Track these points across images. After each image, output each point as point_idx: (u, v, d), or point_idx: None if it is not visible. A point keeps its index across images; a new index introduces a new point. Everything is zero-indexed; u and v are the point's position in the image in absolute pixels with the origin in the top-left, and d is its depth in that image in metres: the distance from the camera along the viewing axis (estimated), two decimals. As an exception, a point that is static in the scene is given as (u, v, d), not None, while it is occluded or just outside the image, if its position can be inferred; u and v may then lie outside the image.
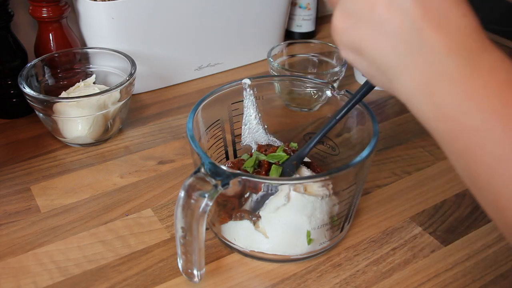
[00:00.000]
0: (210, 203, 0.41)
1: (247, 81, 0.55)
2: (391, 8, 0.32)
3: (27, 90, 0.61)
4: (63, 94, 0.67)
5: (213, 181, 0.42)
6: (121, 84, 0.63)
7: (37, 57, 0.70)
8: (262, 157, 0.54)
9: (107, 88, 0.65)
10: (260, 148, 0.57)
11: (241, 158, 0.57)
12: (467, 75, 0.30)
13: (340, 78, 0.73)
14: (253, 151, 0.58)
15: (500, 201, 0.30)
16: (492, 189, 0.30)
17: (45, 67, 0.69)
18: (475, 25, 0.31)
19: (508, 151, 0.29)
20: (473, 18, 0.32)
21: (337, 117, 0.50)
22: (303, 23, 0.94)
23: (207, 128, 0.54)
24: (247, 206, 0.49)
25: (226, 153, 0.58)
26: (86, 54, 0.73)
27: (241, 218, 0.48)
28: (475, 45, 0.31)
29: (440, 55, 0.31)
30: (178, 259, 0.46)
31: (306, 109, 0.66)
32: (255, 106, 0.56)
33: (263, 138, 0.58)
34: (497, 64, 0.31)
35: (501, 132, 0.29)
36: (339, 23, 0.36)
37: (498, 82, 0.30)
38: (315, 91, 0.62)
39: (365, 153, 0.45)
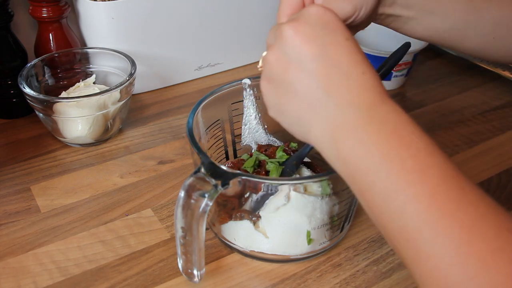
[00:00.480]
0: (210, 203, 0.41)
1: (247, 81, 0.55)
2: (299, 70, 0.37)
3: (27, 90, 0.61)
4: (63, 94, 0.67)
5: (213, 181, 0.42)
6: (121, 84, 0.63)
7: (37, 57, 0.70)
8: (262, 157, 0.54)
9: (107, 88, 0.65)
10: (260, 148, 0.57)
11: (241, 158, 0.57)
12: (362, 125, 0.35)
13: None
14: (253, 151, 0.58)
15: (387, 231, 0.34)
16: (381, 223, 0.35)
17: (45, 67, 0.69)
18: (374, 80, 0.36)
19: (393, 188, 0.33)
20: (372, 75, 0.36)
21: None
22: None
23: (207, 128, 0.54)
24: (247, 206, 0.49)
25: (226, 153, 0.58)
26: (86, 54, 0.73)
27: (241, 218, 0.48)
28: (372, 99, 0.35)
29: (342, 109, 0.35)
30: (178, 259, 0.46)
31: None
32: (255, 106, 0.56)
33: (263, 138, 0.58)
34: (390, 115, 0.35)
35: (386, 172, 0.33)
36: (263, 88, 0.40)
37: (387, 130, 0.34)
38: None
39: (365, 153, 0.45)
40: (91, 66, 0.73)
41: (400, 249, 0.34)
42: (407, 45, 0.52)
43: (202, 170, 0.43)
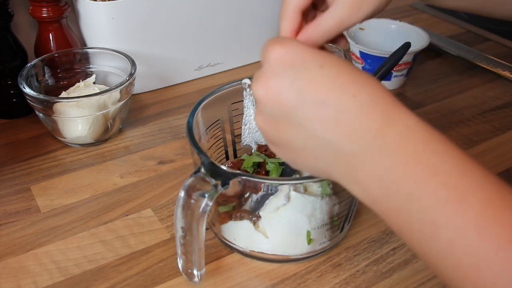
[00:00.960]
0: (210, 203, 0.41)
1: (247, 81, 0.55)
2: (289, 127, 0.34)
3: (27, 90, 0.61)
4: (63, 94, 0.67)
5: (213, 181, 0.42)
6: (121, 84, 0.63)
7: (37, 57, 0.70)
8: (262, 157, 0.54)
9: (107, 88, 0.65)
10: (260, 148, 0.57)
11: (241, 158, 0.57)
12: (376, 160, 0.31)
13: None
14: (253, 151, 0.58)
15: (438, 269, 0.30)
16: (430, 265, 0.31)
17: (45, 67, 0.69)
18: (372, 98, 0.31)
19: (434, 226, 0.29)
20: (366, 94, 0.31)
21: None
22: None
23: (207, 128, 0.54)
24: (247, 206, 0.49)
25: (226, 153, 0.58)
26: (86, 54, 0.73)
27: (241, 218, 0.48)
28: (376, 123, 0.31)
29: (348, 148, 0.32)
30: (178, 259, 0.46)
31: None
32: (255, 106, 0.56)
33: (263, 138, 0.58)
34: (403, 137, 0.30)
35: (420, 211, 0.29)
36: (273, 150, 0.38)
37: (407, 159, 0.30)
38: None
39: (365, 153, 0.45)
40: (91, 66, 0.73)
41: (458, 287, 0.29)
42: (407, 45, 0.52)
43: (202, 170, 0.43)
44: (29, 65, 0.66)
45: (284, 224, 0.47)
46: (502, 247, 0.27)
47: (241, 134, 0.58)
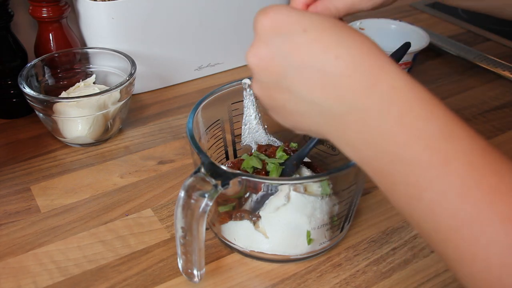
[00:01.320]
0: (210, 203, 0.41)
1: (247, 81, 0.55)
2: (281, 92, 0.35)
3: (27, 90, 0.61)
4: (63, 94, 0.67)
5: (213, 181, 0.42)
6: (121, 84, 0.63)
7: (37, 57, 0.70)
8: (262, 157, 0.54)
9: (107, 88, 0.65)
10: (260, 148, 0.57)
11: (241, 158, 0.57)
12: (360, 121, 0.31)
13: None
14: (253, 151, 0.58)
15: (422, 231, 0.31)
16: (414, 222, 0.32)
17: (45, 67, 0.69)
18: (355, 59, 0.31)
19: (416, 188, 0.29)
20: (348, 54, 0.31)
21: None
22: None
23: (207, 128, 0.54)
24: (247, 206, 0.49)
25: (226, 153, 0.58)
26: (86, 54, 0.73)
27: (241, 218, 0.48)
28: (360, 84, 0.31)
29: (334, 109, 0.32)
30: (178, 259, 0.46)
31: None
32: (255, 106, 0.56)
33: (263, 138, 0.58)
34: (387, 99, 0.30)
35: (404, 172, 0.30)
36: (273, 116, 0.39)
37: (390, 121, 0.30)
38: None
39: (365, 153, 0.45)
40: (91, 66, 0.73)
41: (439, 250, 0.30)
42: (407, 45, 0.52)
43: (202, 170, 0.43)
44: (29, 65, 0.66)
45: (284, 224, 0.47)
46: (483, 211, 0.27)
47: (241, 134, 0.58)
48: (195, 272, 0.45)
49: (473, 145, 0.29)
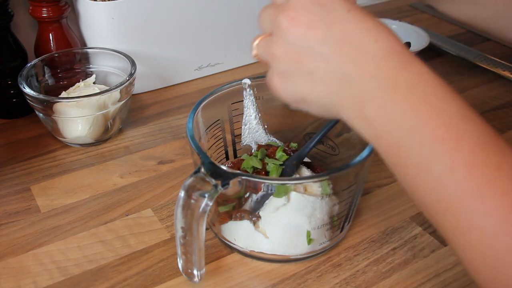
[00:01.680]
0: (210, 203, 0.41)
1: (247, 81, 0.55)
2: (312, 58, 0.36)
3: (27, 90, 0.61)
4: (63, 94, 0.67)
5: (213, 181, 0.42)
6: (121, 84, 0.63)
7: (37, 57, 0.70)
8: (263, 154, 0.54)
9: (107, 88, 0.65)
10: (260, 148, 0.57)
11: (241, 158, 0.57)
12: (387, 96, 0.34)
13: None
14: (253, 151, 0.58)
15: (425, 205, 0.33)
16: (418, 196, 0.34)
17: (45, 67, 0.69)
18: (390, 46, 0.35)
19: (427, 160, 0.32)
20: (386, 41, 0.35)
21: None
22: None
23: (207, 128, 0.54)
24: (247, 206, 0.49)
25: (226, 153, 0.58)
26: (86, 54, 0.73)
27: (241, 218, 0.48)
28: (392, 66, 0.34)
29: (365, 84, 0.34)
30: (178, 259, 0.46)
31: (306, 109, 0.66)
32: (255, 106, 0.56)
33: (263, 138, 0.58)
34: (415, 81, 0.34)
35: (418, 144, 0.32)
36: (277, 84, 0.40)
37: (414, 99, 0.33)
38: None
39: (365, 153, 0.45)
40: (91, 66, 0.73)
41: (438, 221, 0.33)
42: (407, 45, 0.52)
43: (202, 170, 0.43)
44: (29, 65, 0.66)
45: (284, 224, 0.47)
46: (485, 184, 0.30)
47: (241, 134, 0.58)
48: (195, 272, 0.45)
49: (483, 127, 0.32)
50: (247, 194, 0.49)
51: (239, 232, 0.49)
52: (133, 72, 0.65)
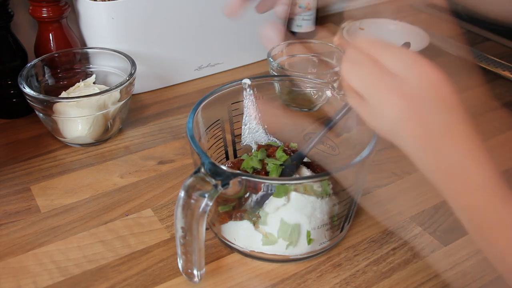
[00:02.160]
0: (210, 203, 0.41)
1: (247, 81, 0.55)
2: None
3: (27, 90, 0.61)
4: (63, 94, 0.67)
5: (213, 181, 0.42)
6: (121, 84, 0.63)
7: (37, 57, 0.70)
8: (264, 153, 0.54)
9: (107, 88, 0.65)
10: (260, 148, 0.57)
11: (241, 158, 0.57)
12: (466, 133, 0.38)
13: (340, 78, 0.73)
14: (253, 151, 0.58)
15: (502, 251, 0.38)
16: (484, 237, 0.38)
17: (45, 67, 0.69)
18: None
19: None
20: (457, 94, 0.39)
21: (337, 117, 0.50)
22: (303, 23, 0.94)
23: (207, 128, 0.54)
24: (247, 206, 0.49)
25: (226, 153, 0.58)
26: (86, 54, 0.73)
27: (241, 218, 0.48)
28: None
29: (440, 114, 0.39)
30: (178, 259, 0.46)
31: (306, 109, 0.66)
32: (255, 106, 0.56)
33: (263, 138, 0.58)
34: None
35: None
36: (348, 72, 0.41)
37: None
38: (315, 91, 0.62)
39: (365, 153, 0.45)
40: (91, 66, 0.73)
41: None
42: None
43: (202, 170, 0.43)
44: (29, 65, 0.66)
45: (284, 224, 0.47)
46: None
47: (241, 134, 0.58)
48: (195, 272, 0.45)
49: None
50: (247, 194, 0.49)
51: (239, 232, 0.49)
52: (133, 72, 0.65)
